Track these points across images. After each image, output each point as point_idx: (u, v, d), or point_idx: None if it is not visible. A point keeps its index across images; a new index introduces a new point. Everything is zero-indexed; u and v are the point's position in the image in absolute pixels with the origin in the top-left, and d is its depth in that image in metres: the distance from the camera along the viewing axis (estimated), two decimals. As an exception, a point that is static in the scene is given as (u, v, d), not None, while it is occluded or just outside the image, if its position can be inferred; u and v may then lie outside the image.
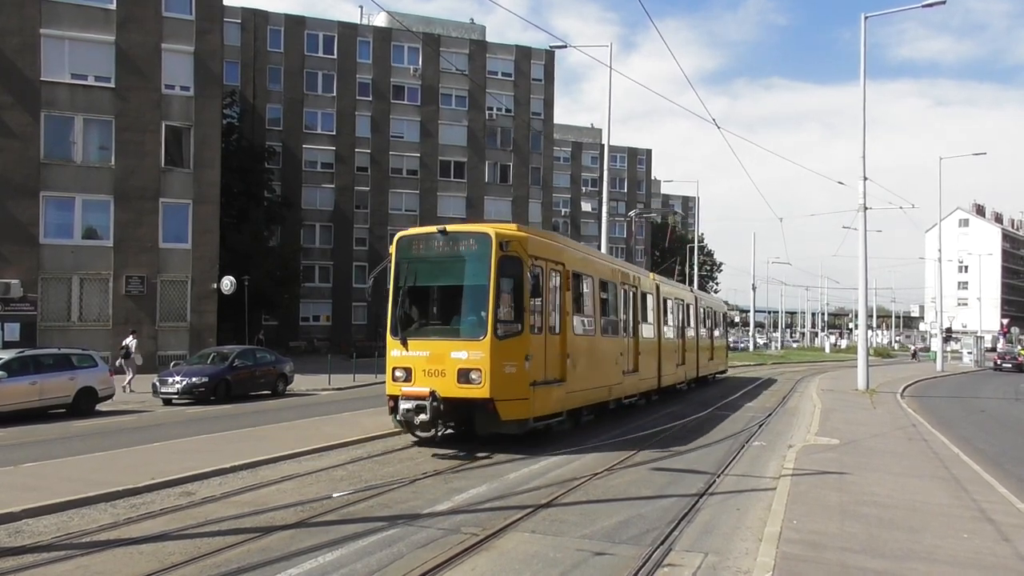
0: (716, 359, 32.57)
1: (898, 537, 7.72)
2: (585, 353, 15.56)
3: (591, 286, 16.32)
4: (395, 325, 13.35)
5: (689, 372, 26.41)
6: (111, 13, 32.93)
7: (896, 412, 20.89)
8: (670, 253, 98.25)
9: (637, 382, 19.52)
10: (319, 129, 61.50)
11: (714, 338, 32.28)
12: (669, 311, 23.77)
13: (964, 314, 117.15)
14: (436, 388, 12.42)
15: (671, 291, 24.67)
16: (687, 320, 26.52)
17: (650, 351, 20.97)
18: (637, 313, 19.79)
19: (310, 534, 7.83)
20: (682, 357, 25.10)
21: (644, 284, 21.02)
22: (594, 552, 7.34)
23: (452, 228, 13.54)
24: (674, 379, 24.02)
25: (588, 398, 15.97)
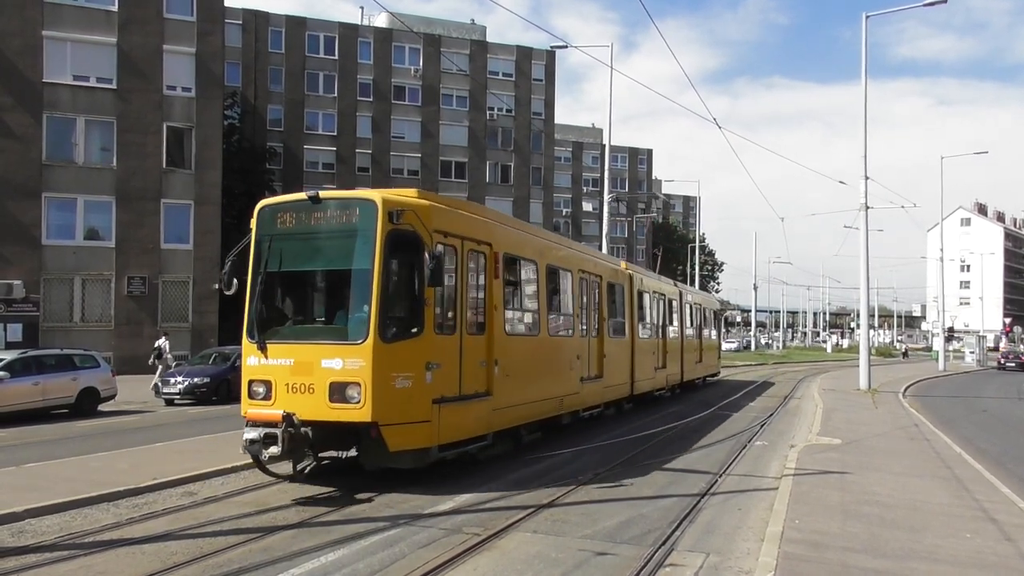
0: (706, 361, 29.64)
1: (900, 537, 7.72)
2: (523, 358, 12.53)
3: (535, 274, 13.31)
4: (252, 325, 10.17)
5: (672, 376, 23.75)
6: (113, 15, 32.98)
7: (898, 412, 20.87)
8: (668, 247, 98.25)
9: (601, 390, 16.68)
10: (320, 130, 61.53)
11: (703, 338, 29.36)
12: (646, 307, 21.00)
13: (966, 313, 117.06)
14: (301, 409, 9.36)
15: (650, 284, 21.76)
16: (670, 318, 23.85)
17: (620, 353, 18.23)
18: (603, 309, 16.93)
19: (312, 534, 7.84)
20: (662, 359, 22.38)
21: (613, 275, 18.11)
22: (596, 552, 7.35)
23: (327, 194, 10.33)
24: (652, 385, 21.14)
25: (528, 414, 12.78)
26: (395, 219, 9.60)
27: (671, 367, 23.54)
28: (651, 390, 21.31)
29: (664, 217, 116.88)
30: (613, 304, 18.07)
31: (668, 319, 23.62)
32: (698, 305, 29.04)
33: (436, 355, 9.96)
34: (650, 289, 21.58)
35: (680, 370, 24.79)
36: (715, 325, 33.39)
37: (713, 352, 32.00)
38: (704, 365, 29.32)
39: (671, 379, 23.67)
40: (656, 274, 26.22)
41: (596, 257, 18.14)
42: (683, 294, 26.17)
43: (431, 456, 9.98)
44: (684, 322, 25.86)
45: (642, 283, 20.69)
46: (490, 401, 11.24)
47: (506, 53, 68.84)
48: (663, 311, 23.00)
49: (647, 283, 21.46)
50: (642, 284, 20.67)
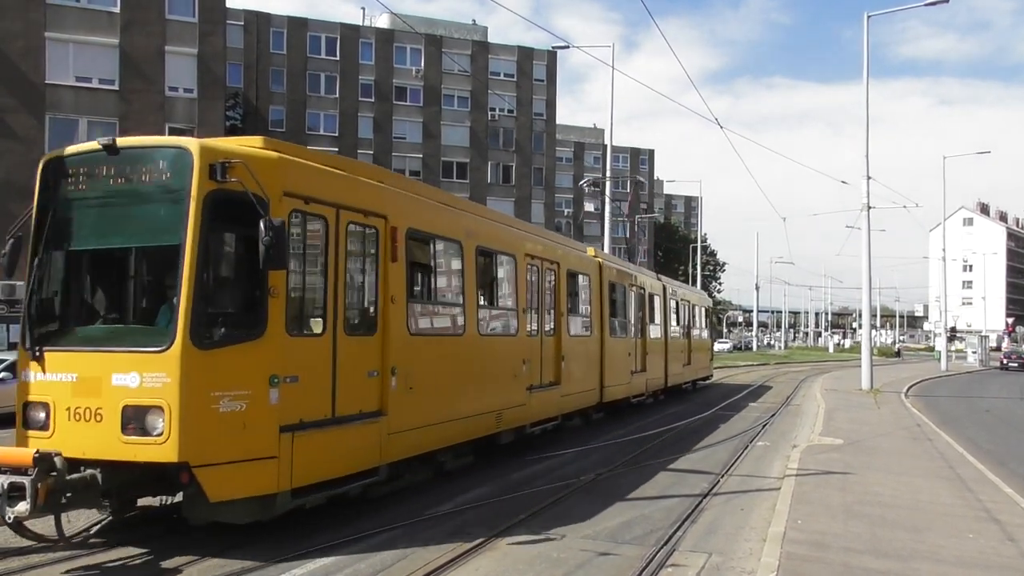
0: (695, 363, 26.96)
1: (902, 537, 7.71)
2: (439, 365, 9.97)
3: (459, 258, 10.66)
4: (25, 326, 7.52)
5: (654, 381, 21.17)
6: (115, 16, 33.04)
7: (900, 412, 20.85)
8: (670, 248, 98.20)
9: (557, 400, 13.80)
10: (322, 130, 61.60)
11: (692, 338, 26.79)
12: (621, 301, 18.54)
13: (968, 313, 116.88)
14: (87, 443, 6.79)
15: (626, 276, 19.22)
16: (651, 315, 21.38)
17: (585, 355, 15.64)
18: (561, 302, 14.15)
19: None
20: (641, 362, 19.82)
21: (577, 263, 15.65)
22: (598, 552, 7.34)
23: (128, 141, 7.49)
24: (627, 391, 18.55)
25: (446, 435, 10.17)
26: (219, 175, 6.93)
27: (652, 370, 20.87)
28: (626, 397, 18.51)
29: (666, 217, 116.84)
30: (576, 297, 15.69)
31: (649, 316, 21.10)
32: (686, 302, 26.54)
33: (288, 365, 7.34)
34: (625, 281, 19.01)
35: (664, 374, 22.22)
36: (707, 324, 30.79)
37: (704, 353, 29.50)
38: (693, 368, 26.78)
39: (652, 384, 21.00)
40: (636, 265, 24.02)
41: (554, 241, 15.41)
42: (668, 289, 23.73)
43: (279, 506, 7.29)
44: (669, 320, 23.25)
45: (615, 274, 18.14)
46: (383, 423, 8.59)
47: (507, 53, 68.88)
48: (643, 307, 20.32)
49: (622, 274, 18.98)
50: (615, 275, 18.11)
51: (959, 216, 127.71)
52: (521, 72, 69.04)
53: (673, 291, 24.60)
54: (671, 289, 24.37)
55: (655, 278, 23.29)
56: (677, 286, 26.54)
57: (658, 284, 22.91)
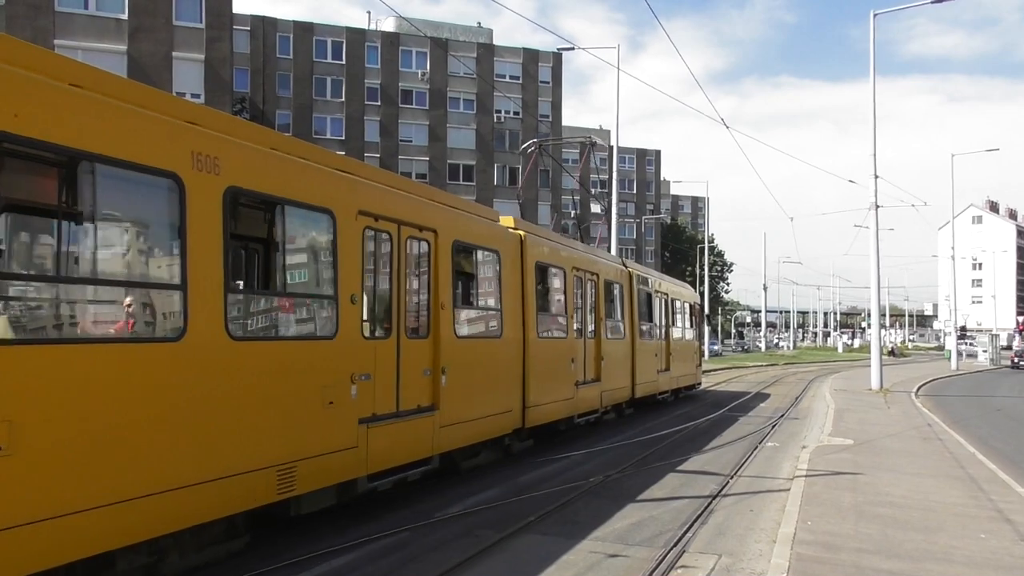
0: (677, 370, 22.56)
1: (913, 538, 7.68)
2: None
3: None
4: None
5: (614, 392, 16.77)
6: (123, 23, 33.24)
7: (911, 411, 20.75)
8: (677, 248, 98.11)
9: (430, 431, 9.32)
10: (328, 134, 61.79)
11: (672, 339, 22.29)
12: (555, 293, 14.04)
13: (978, 312, 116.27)
14: None
15: (565, 257, 14.38)
16: (610, 309, 17.19)
17: (491, 365, 11.15)
18: (439, 291, 9.69)
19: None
20: (594, 369, 15.48)
21: (485, 238, 11.34)
22: (608, 554, 7.34)
23: None
24: (568, 408, 13.86)
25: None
26: None
27: (612, 379, 16.61)
28: (567, 416, 13.99)
29: (673, 218, 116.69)
30: (471, 283, 11.07)
31: (607, 311, 16.75)
32: (663, 295, 21.83)
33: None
34: (565, 267, 14.23)
35: (631, 383, 18.04)
36: (693, 323, 26.32)
37: (689, 357, 24.83)
38: (672, 375, 22.10)
39: (611, 396, 16.63)
40: (593, 247, 18.82)
41: (463, 207, 11.25)
42: (636, 278, 19.02)
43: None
44: (637, 316, 18.67)
45: (545, 253, 13.36)
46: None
47: (513, 56, 68.97)
48: (596, 300, 15.88)
49: (564, 259, 14.25)
50: (548, 258, 13.45)
51: (968, 214, 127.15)
52: (527, 74, 69.10)
53: (642, 282, 19.79)
54: (642, 278, 19.75)
55: (619, 264, 18.61)
56: (651, 275, 21.75)
57: (621, 271, 18.24)
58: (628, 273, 18.60)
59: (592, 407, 15.38)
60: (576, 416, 14.41)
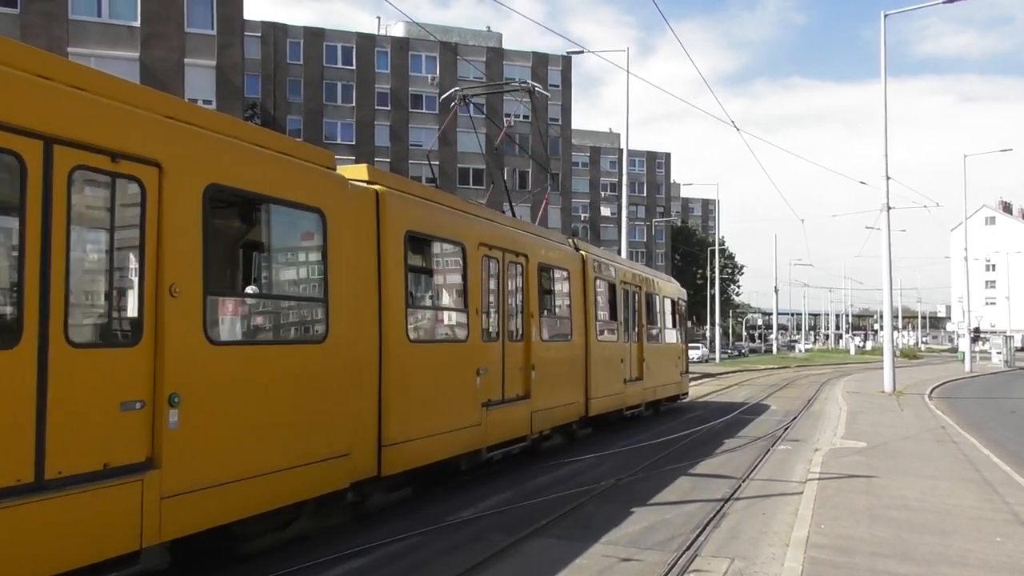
0: (653, 378, 18.71)
1: (928, 541, 7.63)
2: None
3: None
4: None
5: (552, 411, 12.65)
6: (135, 31, 33.53)
7: (924, 414, 20.62)
8: (688, 251, 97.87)
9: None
10: (339, 139, 62.01)
11: (648, 342, 18.48)
12: (450, 282, 10.57)
13: (992, 313, 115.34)
14: None
15: (467, 230, 10.45)
16: (553, 305, 13.60)
17: (330, 384, 7.47)
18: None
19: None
20: (520, 383, 11.60)
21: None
22: (620, 558, 7.33)
23: None
24: (456, 446, 9.79)
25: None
26: None
27: (554, 394, 12.75)
28: (467, 452, 10.08)
29: (683, 221, 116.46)
30: (304, 267, 8.09)
31: (550, 306, 13.42)
32: (633, 288, 17.76)
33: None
34: (468, 240, 10.32)
35: (583, 397, 14.16)
36: (677, 322, 22.12)
37: (670, 363, 20.83)
38: (646, 386, 18.20)
39: (554, 415, 12.75)
40: (519, 219, 13.75)
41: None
42: (592, 264, 14.98)
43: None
44: (593, 313, 14.76)
45: (432, 223, 9.65)
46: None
47: (522, 59, 69.10)
48: (528, 292, 11.96)
49: (459, 228, 10.24)
50: (433, 225, 9.68)
51: (981, 215, 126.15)
52: (536, 78, 69.09)
53: (602, 267, 15.79)
54: (597, 265, 15.48)
55: (569, 248, 14.50)
56: (619, 263, 17.73)
57: (571, 256, 14.23)
58: (581, 258, 14.60)
59: (515, 433, 11.29)
60: (485, 450, 10.40)
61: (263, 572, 6.71)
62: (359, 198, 8.22)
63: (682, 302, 23.32)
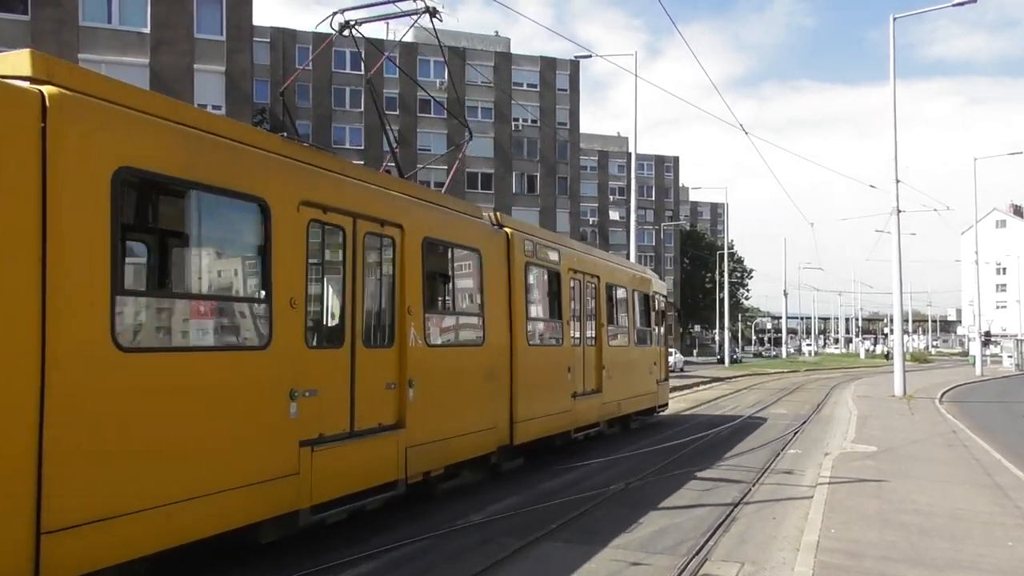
0: (618, 389, 15.52)
1: (940, 546, 7.59)
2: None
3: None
4: None
5: (447, 444, 9.46)
6: (145, 37, 33.74)
7: (935, 418, 20.52)
8: (697, 255, 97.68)
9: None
10: (348, 144, 62.21)
11: (606, 345, 14.94)
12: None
13: (1003, 317, 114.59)
14: None
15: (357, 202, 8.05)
16: (436, 295, 10.04)
17: None
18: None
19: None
20: (385, 406, 8.33)
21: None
22: (629, 562, 7.32)
23: None
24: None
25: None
26: None
27: (457, 417, 9.80)
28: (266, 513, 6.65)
29: (692, 224, 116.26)
30: None
31: (444, 298, 10.23)
32: (587, 278, 14.32)
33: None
34: (271, 195, 6.85)
35: (505, 420, 11.01)
36: (653, 322, 18.67)
37: (641, 370, 17.58)
38: (606, 400, 14.86)
39: (450, 449, 9.57)
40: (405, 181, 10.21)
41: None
42: (518, 245, 11.62)
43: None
44: (523, 309, 11.65)
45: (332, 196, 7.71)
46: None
47: (530, 64, 69.16)
48: (404, 278, 8.80)
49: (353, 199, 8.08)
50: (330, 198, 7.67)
51: (991, 218, 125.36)
52: (544, 82, 69.25)
53: (536, 250, 12.20)
54: (533, 245, 12.10)
55: (483, 220, 11.16)
56: (567, 246, 14.25)
57: (486, 232, 10.94)
58: (504, 236, 11.31)
59: (370, 481, 7.94)
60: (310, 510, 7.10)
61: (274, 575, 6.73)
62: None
63: (660, 297, 19.78)
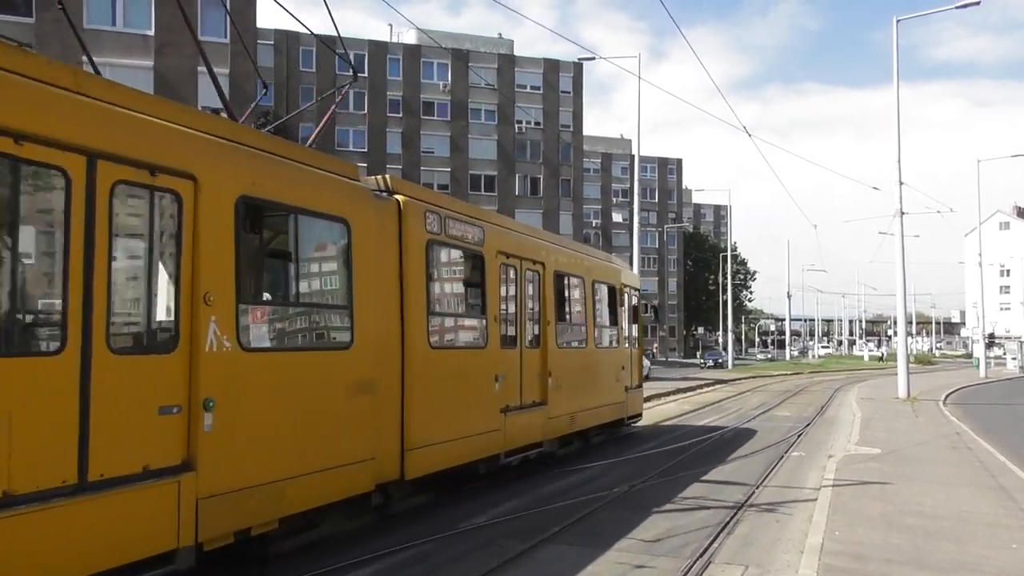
0: (567, 402, 12.74)
1: (944, 548, 7.58)
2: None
3: None
4: None
5: (287, 487, 6.52)
6: (149, 39, 33.87)
7: (939, 420, 20.47)
8: (700, 257, 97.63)
9: None
10: (351, 146, 62.28)
11: (553, 348, 12.35)
12: None
13: (1007, 319, 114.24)
14: None
15: None
16: (281, 280, 7.41)
17: None
18: None
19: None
20: (153, 443, 5.35)
21: None
22: (633, 565, 7.32)
23: None
24: None
25: None
26: None
27: (307, 450, 6.82)
28: None
29: (695, 226, 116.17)
30: None
31: (279, 284, 7.52)
32: (525, 264, 11.72)
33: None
34: None
35: (395, 447, 8.25)
36: (618, 318, 15.87)
37: (603, 377, 14.80)
38: (551, 415, 12.12)
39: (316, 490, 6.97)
40: None
41: None
42: (414, 217, 8.91)
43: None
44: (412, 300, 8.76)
45: None
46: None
47: (534, 66, 69.20)
48: (200, 255, 5.80)
49: None
50: None
51: (995, 220, 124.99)
52: (547, 84, 69.28)
53: (445, 222, 9.62)
54: (440, 217, 9.54)
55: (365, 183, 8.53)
56: (491, 221, 11.22)
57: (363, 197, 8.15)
58: (395, 206, 8.70)
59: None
60: None
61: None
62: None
63: (630, 290, 16.69)
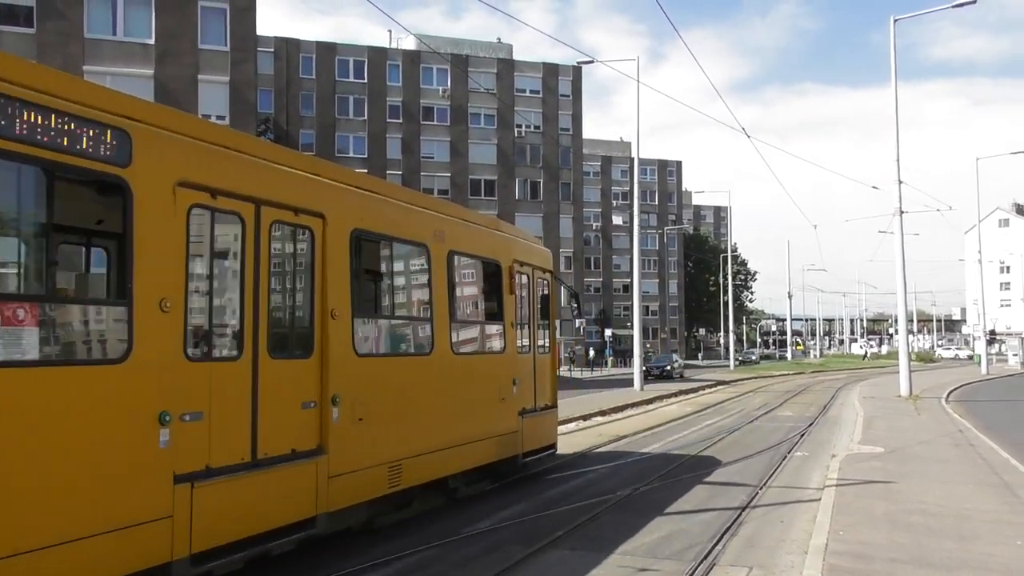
0: (393, 438, 8.05)
1: (948, 546, 7.59)
2: None
3: None
4: None
5: None
6: (149, 48, 33.92)
7: (941, 418, 20.46)
8: (700, 258, 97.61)
9: None
10: (351, 152, 62.36)
11: (348, 355, 7.39)
12: None
13: (1007, 315, 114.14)
14: None
15: None
16: None
17: None
18: None
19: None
20: None
21: None
22: (637, 568, 7.33)
23: None
24: None
25: None
26: None
27: None
28: None
29: (695, 228, 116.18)
30: None
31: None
32: (283, 216, 6.60)
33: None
34: None
35: None
36: (500, 306, 10.94)
37: (475, 395, 10.08)
38: (333, 472, 7.09)
39: None
40: None
41: None
42: None
43: None
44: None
45: None
46: None
47: (533, 70, 69.32)
48: None
49: None
50: None
51: (994, 217, 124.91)
52: (547, 88, 69.39)
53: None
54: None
55: None
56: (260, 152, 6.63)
57: None
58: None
59: None
60: None
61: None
62: None
63: (535, 272, 12.24)
